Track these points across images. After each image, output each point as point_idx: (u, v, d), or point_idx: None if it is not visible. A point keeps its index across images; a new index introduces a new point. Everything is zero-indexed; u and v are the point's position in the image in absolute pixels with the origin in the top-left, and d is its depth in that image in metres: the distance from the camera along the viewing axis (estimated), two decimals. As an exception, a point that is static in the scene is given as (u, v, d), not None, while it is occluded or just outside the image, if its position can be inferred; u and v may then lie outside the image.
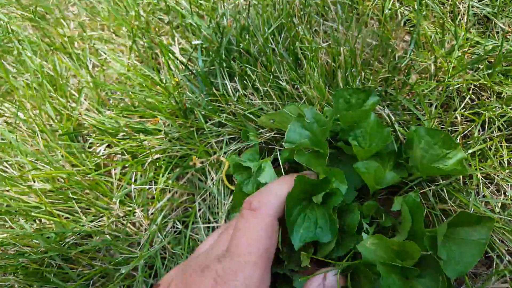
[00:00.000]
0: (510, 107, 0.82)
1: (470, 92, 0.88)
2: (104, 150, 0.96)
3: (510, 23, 0.97)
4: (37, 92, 1.09)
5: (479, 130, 0.84)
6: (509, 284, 0.73)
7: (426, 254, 0.67)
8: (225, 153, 0.92)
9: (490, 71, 0.86)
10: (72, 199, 0.92)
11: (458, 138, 0.84)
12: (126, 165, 0.96)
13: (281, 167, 0.86)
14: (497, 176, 0.79)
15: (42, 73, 1.12)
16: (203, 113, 0.92)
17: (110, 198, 0.93)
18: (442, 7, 1.00)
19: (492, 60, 0.89)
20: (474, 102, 0.88)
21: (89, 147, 1.04)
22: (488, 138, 0.84)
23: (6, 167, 0.99)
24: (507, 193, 0.78)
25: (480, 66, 0.90)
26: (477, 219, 0.69)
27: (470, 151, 0.80)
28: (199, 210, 0.90)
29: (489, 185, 0.80)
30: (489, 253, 0.75)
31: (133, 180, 0.96)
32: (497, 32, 0.97)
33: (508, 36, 0.96)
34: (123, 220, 0.93)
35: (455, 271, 0.67)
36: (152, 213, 0.92)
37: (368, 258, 0.70)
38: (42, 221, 0.91)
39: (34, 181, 0.95)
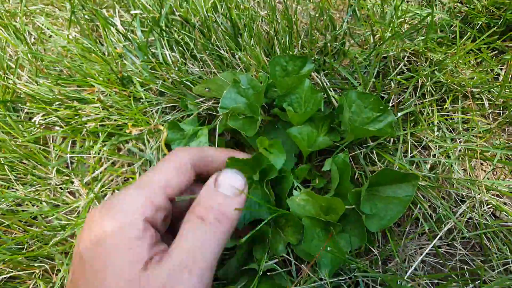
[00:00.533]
0: (441, 73, 0.85)
1: (405, 60, 0.89)
2: (41, 119, 0.94)
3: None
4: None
5: (411, 94, 0.86)
6: (428, 236, 0.75)
7: (350, 209, 0.69)
8: (164, 121, 0.91)
9: (423, 38, 0.88)
10: (5, 166, 0.90)
11: (392, 103, 0.86)
12: (63, 135, 0.94)
13: (217, 136, 0.85)
14: (426, 138, 0.81)
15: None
16: (140, 80, 0.91)
17: (47, 166, 0.92)
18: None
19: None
20: (409, 70, 0.89)
21: (26, 118, 1.02)
22: (420, 103, 0.86)
23: None
24: (435, 154, 0.81)
25: (415, 35, 0.92)
26: (402, 177, 0.71)
27: (400, 114, 0.82)
28: (139, 178, 0.89)
29: (418, 147, 0.82)
30: (415, 212, 0.77)
31: (69, 150, 0.94)
32: (437, 4, 0.99)
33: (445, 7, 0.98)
34: (60, 188, 0.91)
35: (378, 225, 0.69)
36: (89, 183, 0.91)
37: (297, 212, 0.71)
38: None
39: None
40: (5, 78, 1.02)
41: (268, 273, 0.70)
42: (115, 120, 0.91)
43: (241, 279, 0.70)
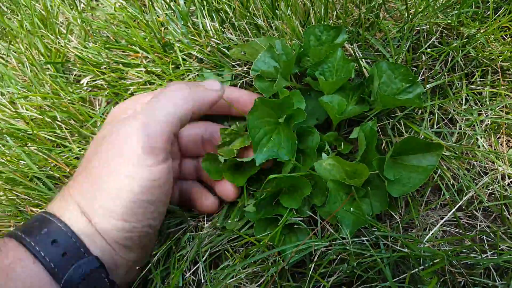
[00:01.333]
0: (471, 46, 0.86)
1: (437, 34, 0.91)
2: (89, 81, 1.01)
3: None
4: (28, 31, 1.15)
5: (441, 68, 0.88)
6: (449, 206, 0.78)
7: (374, 175, 0.73)
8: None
9: (456, 12, 0.89)
10: (58, 125, 0.97)
11: (422, 76, 0.88)
12: (107, 99, 1.01)
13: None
14: (454, 111, 0.84)
15: (33, 12, 1.16)
16: (180, 46, 0.96)
17: (94, 126, 0.99)
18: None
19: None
20: (441, 44, 0.91)
21: (75, 80, 1.09)
22: (449, 77, 0.87)
23: (-3, 98, 1.05)
24: (461, 126, 0.83)
25: (449, 10, 0.93)
26: (426, 146, 0.74)
27: (428, 86, 0.84)
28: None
29: (445, 119, 0.85)
30: (437, 181, 0.80)
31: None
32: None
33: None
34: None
35: (400, 190, 0.73)
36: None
37: (323, 176, 0.76)
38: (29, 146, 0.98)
39: (23, 108, 1.01)
40: (57, 42, 1.09)
41: (294, 228, 0.75)
42: (158, 85, 0.97)
43: (268, 229, 0.76)
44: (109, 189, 0.62)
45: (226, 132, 0.81)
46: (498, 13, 0.91)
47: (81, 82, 1.01)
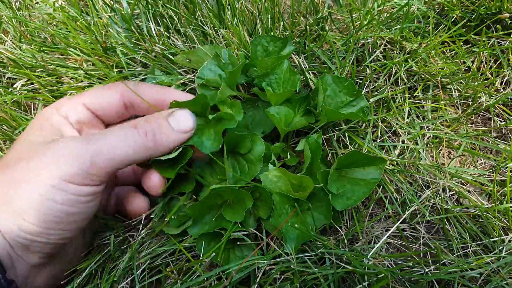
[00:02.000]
0: (414, 61, 0.88)
1: (381, 47, 0.92)
2: (23, 84, 0.95)
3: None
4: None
5: (385, 81, 0.89)
6: (392, 219, 0.79)
7: (318, 188, 0.72)
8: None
9: (399, 27, 0.91)
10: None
11: (367, 89, 0.89)
12: (44, 103, 0.95)
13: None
14: (396, 124, 0.85)
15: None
16: (123, 50, 0.92)
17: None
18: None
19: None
20: (384, 57, 0.92)
21: (8, 84, 1.02)
22: (392, 90, 0.89)
23: None
24: (404, 140, 0.84)
25: (392, 24, 0.95)
26: (370, 160, 0.74)
27: (372, 99, 0.85)
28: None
29: (388, 132, 0.86)
30: (381, 195, 0.80)
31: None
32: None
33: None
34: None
35: (344, 204, 0.73)
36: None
37: (269, 188, 0.74)
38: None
39: None
40: (-12, 42, 1.02)
41: (238, 243, 0.73)
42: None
43: (212, 243, 0.73)
44: (29, 191, 0.59)
45: None
46: (439, 28, 0.94)
47: (15, 86, 0.94)
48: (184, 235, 0.77)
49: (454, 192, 0.82)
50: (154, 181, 0.73)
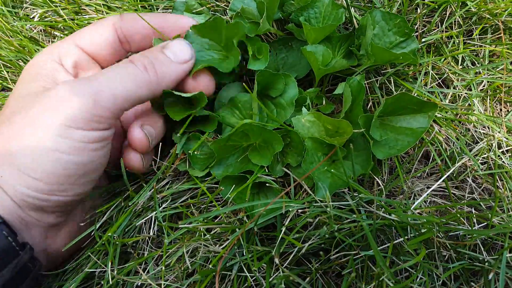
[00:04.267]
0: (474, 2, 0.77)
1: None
2: (41, 16, 0.89)
3: None
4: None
5: (437, 25, 0.79)
6: (441, 173, 0.71)
7: (358, 135, 0.65)
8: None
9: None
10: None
11: (416, 33, 0.79)
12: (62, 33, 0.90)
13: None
14: (449, 70, 0.76)
15: None
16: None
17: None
18: None
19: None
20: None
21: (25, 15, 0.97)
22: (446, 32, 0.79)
23: None
24: (457, 86, 0.75)
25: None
26: (420, 105, 0.66)
27: (424, 40, 0.76)
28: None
29: (438, 79, 0.77)
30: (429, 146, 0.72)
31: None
32: None
33: None
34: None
35: (386, 153, 0.65)
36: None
37: (301, 133, 0.67)
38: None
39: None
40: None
41: (266, 185, 0.67)
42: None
43: (235, 187, 0.67)
44: (31, 145, 0.55)
45: None
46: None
47: (32, 16, 0.89)
48: (207, 178, 0.70)
49: (510, 147, 0.73)
50: (133, 134, 0.65)
